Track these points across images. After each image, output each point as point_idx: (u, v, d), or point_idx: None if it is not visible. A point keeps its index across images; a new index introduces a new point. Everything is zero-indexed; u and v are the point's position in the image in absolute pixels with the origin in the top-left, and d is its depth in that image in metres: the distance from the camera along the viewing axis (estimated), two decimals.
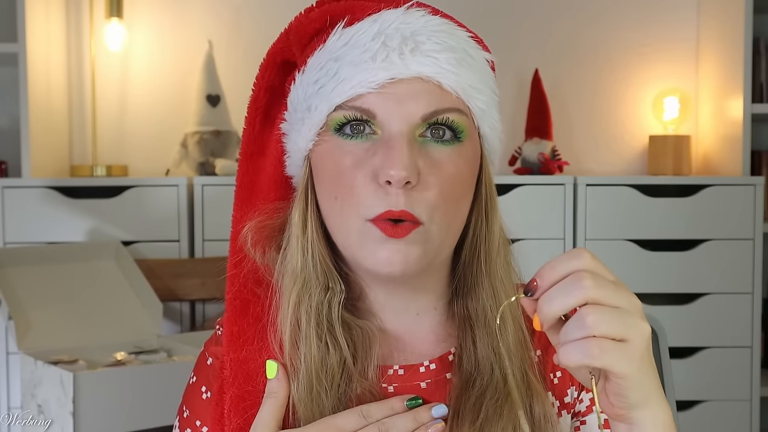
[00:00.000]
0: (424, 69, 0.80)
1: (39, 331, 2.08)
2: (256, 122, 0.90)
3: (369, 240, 0.79)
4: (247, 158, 0.90)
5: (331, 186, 0.82)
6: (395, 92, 0.79)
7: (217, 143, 2.65)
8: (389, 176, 0.77)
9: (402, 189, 0.78)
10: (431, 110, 0.80)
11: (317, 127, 0.82)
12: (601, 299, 0.67)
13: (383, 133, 0.80)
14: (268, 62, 0.88)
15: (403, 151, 0.78)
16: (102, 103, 2.83)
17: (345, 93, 0.80)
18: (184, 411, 0.91)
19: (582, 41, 2.92)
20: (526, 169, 2.65)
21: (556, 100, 2.85)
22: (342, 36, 0.82)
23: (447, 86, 0.80)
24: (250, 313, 0.86)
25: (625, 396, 0.70)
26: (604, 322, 0.67)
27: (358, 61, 0.80)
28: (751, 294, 2.52)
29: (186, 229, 2.50)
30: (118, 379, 1.86)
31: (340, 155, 0.81)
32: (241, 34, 2.85)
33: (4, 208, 2.44)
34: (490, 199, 0.87)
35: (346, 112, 0.80)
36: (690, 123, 2.90)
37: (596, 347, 0.66)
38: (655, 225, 2.52)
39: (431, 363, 0.87)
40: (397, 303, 0.87)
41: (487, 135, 0.86)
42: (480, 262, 0.86)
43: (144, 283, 2.28)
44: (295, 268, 0.84)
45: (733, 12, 2.66)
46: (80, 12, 2.82)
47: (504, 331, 0.84)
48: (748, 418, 2.53)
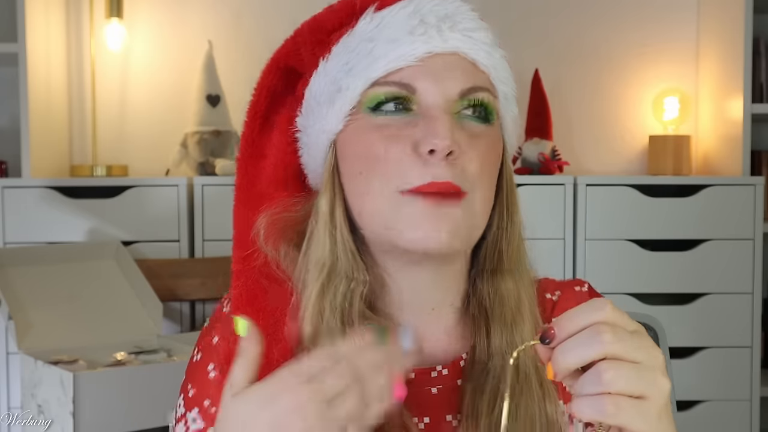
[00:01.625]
0: (462, 45, 0.81)
1: (39, 331, 2.08)
2: (256, 125, 0.89)
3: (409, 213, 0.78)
4: (245, 160, 0.89)
5: (356, 162, 0.81)
6: (434, 66, 0.80)
7: (217, 143, 2.65)
8: (434, 144, 0.77)
9: (445, 160, 0.77)
10: (468, 86, 0.80)
11: (349, 106, 0.81)
12: (621, 354, 0.64)
13: (420, 107, 0.80)
14: (271, 67, 0.88)
15: (446, 121, 0.78)
16: (102, 103, 2.83)
17: (382, 67, 0.80)
18: (189, 389, 0.88)
19: (582, 41, 2.92)
20: (526, 169, 2.65)
21: (556, 100, 2.85)
22: (374, 19, 0.82)
23: (482, 65, 0.82)
24: (258, 306, 0.85)
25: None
26: (622, 378, 0.64)
27: (396, 36, 0.80)
28: (751, 294, 2.52)
29: (186, 229, 2.49)
30: (118, 379, 1.86)
31: (370, 131, 0.80)
32: (241, 34, 2.85)
33: (4, 208, 2.44)
34: (511, 193, 0.87)
35: (384, 88, 0.80)
36: (690, 123, 2.90)
37: (612, 405, 0.63)
38: (655, 225, 2.52)
39: (443, 369, 0.85)
40: (416, 294, 0.85)
41: (507, 126, 0.87)
42: (502, 254, 0.86)
43: (144, 283, 2.28)
44: (321, 257, 0.83)
45: (733, 12, 2.66)
46: (80, 12, 2.82)
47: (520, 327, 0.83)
48: (748, 418, 2.53)
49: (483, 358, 0.83)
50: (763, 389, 2.59)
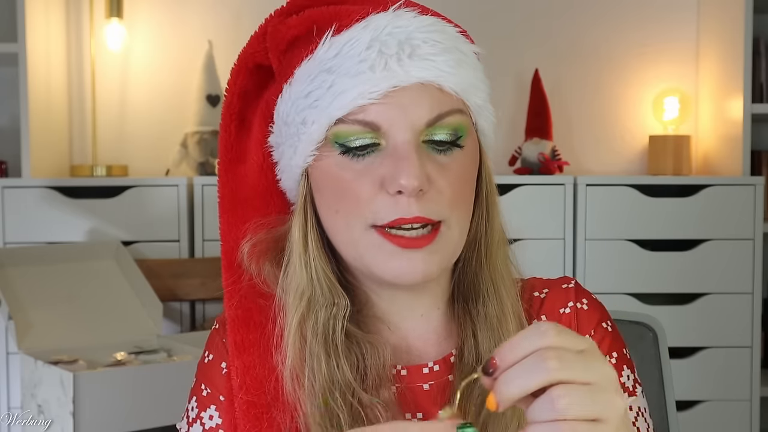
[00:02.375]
0: (425, 74, 0.78)
1: (39, 331, 2.08)
2: (232, 128, 0.88)
3: (380, 250, 0.79)
4: (226, 166, 0.88)
5: (332, 200, 0.81)
6: (398, 100, 0.78)
7: (217, 143, 2.65)
8: (401, 186, 0.76)
9: (414, 197, 0.77)
10: (435, 115, 0.79)
11: (315, 142, 0.80)
12: (570, 379, 0.60)
13: (388, 143, 0.79)
14: (240, 67, 0.88)
15: (413, 159, 0.77)
16: (102, 103, 2.83)
17: (346, 106, 0.78)
18: (202, 390, 0.88)
19: (582, 41, 2.92)
20: (526, 169, 2.65)
21: (556, 100, 2.85)
22: (332, 46, 0.79)
23: (448, 88, 0.80)
24: (254, 321, 0.86)
25: None
26: (576, 404, 0.60)
27: (356, 72, 0.78)
28: (751, 294, 2.52)
29: (186, 229, 2.50)
30: (118, 379, 1.86)
31: (343, 169, 0.80)
32: (241, 34, 2.85)
33: (4, 208, 2.44)
34: (490, 194, 0.87)
35: (349, 126, 0.79)
36: (690, 123, 2.90)
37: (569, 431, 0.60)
38: (655, 225, 2.52)
39: (435, 365, 0.86)
40: (403, 306, 0.87)
41: (483, 128, 0.86)
42: (481, 257, 0.86)
43: (144, 283, 2.28)
44: (299, 286, 0.83)
45: (733, 12, 2.66)
46: (80, 12, 2.82)
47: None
48: (748, 418, 2.53)
49: (471, 360, 0.84)
50: (763, 389, 2.59)
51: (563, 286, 0.92)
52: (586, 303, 0.90)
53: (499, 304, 0.85)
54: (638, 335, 1.21)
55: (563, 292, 0.91)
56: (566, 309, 0.89)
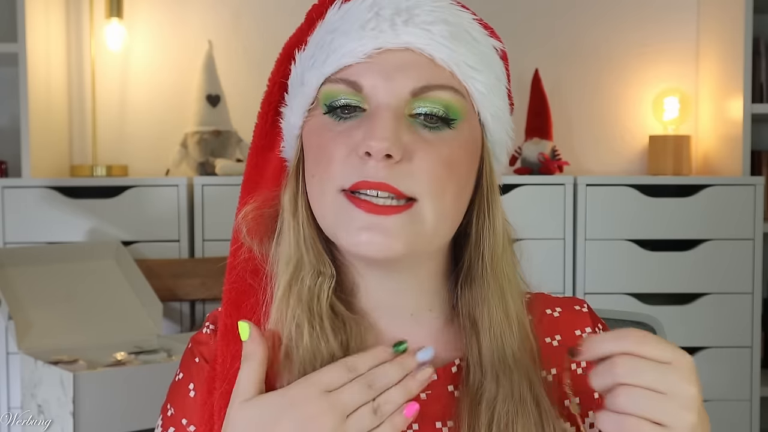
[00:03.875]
0: (415, 39, 0.75)
1: (39, 331, 2.08)
2: (269, 117, 0.86)
3: (346, 216, 0.75)
4: (257, 152, 0.87)
5: (312, 164, 0.78)
6: (383, 63, 0.75)
7: (217, 143, 2.65)
8: (369, 146, 0.73)
9: (382, 162, 0.73)
10: (422, 84, 0.75)
11: (308, 102, 0.79)
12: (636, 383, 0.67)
13: (370, 106, 0.76)
14: (284, 57, 0.85)
15: (387, 121, 0.73)
16: (102, 103, 2.83)
17: (334, 64, 0.76)
18: (168, 409, 0.86)
19: (582, 41, 2.92)
20: (526, 169, 2.65)
21: (556, 100, 2.85)
22: (341, 8, 0.79)
23: (440, 60, 0.76)
24: (244, 305, 0.83)
25: None
26: (635, 405, 0.67)
27: (350, 30, 0.76)
28: (751, 294, 2.52)
29: (186, 229, 2.49)
30: (118, 379, 1.86)
31: (324, 131, 0.77)
32: (241, 34, 2.85)
33: (4, 208, 2.44)
34: (491, 193, 0.83)
35: (335, 85, 0.76)
36: (690, 123, 2.90)
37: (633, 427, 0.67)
38: (655, 225, 2.52)
39: (433, 374, 0.82)
40: (390, 298, 0.82)
41: (488, 123, 0.81)
42: (485, 261, 0.82)
43: (144, 283, 2.28)
44: (288, 252, 0.80)
45: (733, 12, 2.66)
46: (80, 12, 2.82)
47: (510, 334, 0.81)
48: (748, 418, 2.53)
49: (477, 372, 0.80)
50: (763, 389, 2.59)
51: (576, 307, 0.90)
52: (601, 329, 0.90)
53: (505, 311, 0.81)
54: None
55: (578, 315, 0.89)
56: (584, 334, 0.88)
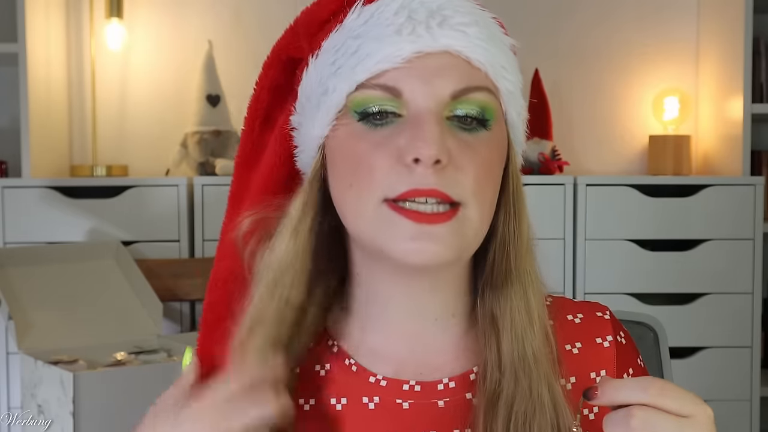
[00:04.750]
0: (454, 42, 0.74)
1: (39, 331, 2.08)
2: (256, 125, 0.84)
3: (391, 226, 0.73)
4: (242, 165, 0.85)
5: (346, 173, 0.76)
6: (423, 67, 0.74)
7: (217, 143, 2.65)
8: (418, 153, 0.71)
9: (432, 168, 0.72)
10: (461, 87, 0.74)
11: (335, 110, 0.76)
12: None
13: (409, 112, 0.74)
14: (272, 59, 0.83)
15: (433, 128, 0.72)
16: (102, 103, 2.83)
17: (368, 70, 0.74)
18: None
19: (582, 41, 2.92)
20: (526, 169, 2.65)
21: (556, 100, 2.85)
22: (362, 14, 0.76)
23: (476, 62, 0.75)
24: (219, 329, 0.82)
25: None
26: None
27: (382, 35, 0.74)
28: (751, 294, 2.52)
29: (186, 229, 2.50)
30: (118, 379, 1.86)
31: (359, 140, 0.75)
32: (241, 34, 2.85)
33: (4, 208, 2.44)
34: (518, 192, 0.82)
35: (369, 92, 0.75)
36: (690, 123, 2.90)
37: None
38: (655, 225, 2.52)
39: (450, 381, 0.81)
40: (414, 303, 0.81)
41: (513, 122, 0.82)
42: (510, 260, 0.80)
43: (144, 283, 2.28)
44: (280, 257, 0.79)
45: (733, 12, 2.66)
46: (80, 12, 2.82)
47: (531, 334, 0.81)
48: (748, 418, 2.53)
49: (495, 374, 0.79)
50: (763, 389, 2.59)
51: (597, 314, 0.88)
52: (623, 337, 0.88)
53: (527, 311, 0.80)
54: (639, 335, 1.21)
55: (599, 322, 0.87)
56: (605, 342, 0.86)
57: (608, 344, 0.86)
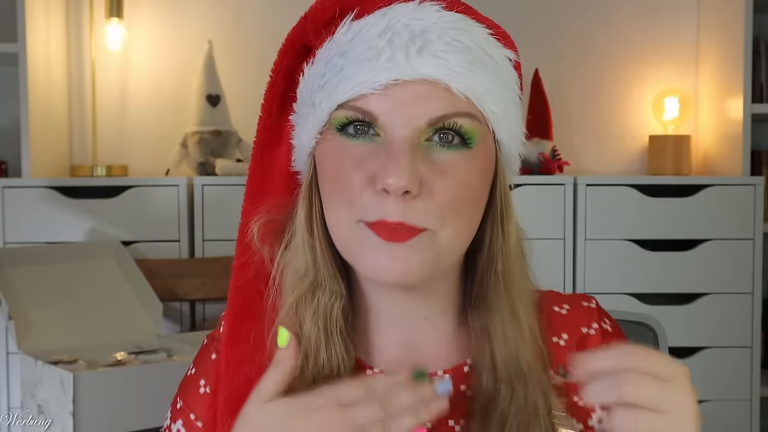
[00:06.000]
0: (431, 71, 0.75)
1: (39, 331, 2.08)
2: (273, 109, 0.85)
3: (365, 243, 0.76)
4: (261, 147, 0.86)
5: (329, 185, 0.78)
6: (399, 95, 0.75)
7: (217, 143, 2.65)
8: (386, 185, 0.73)
9: (401, 198, 0.73)
10: (438, 115, 0.75)
11: (320, 125, 0.79)
12: (641, 402, 0.66)
13: (386, 136, 0.75)
14: (287, 47, 0.84)
15: (404, 158, 0.73)
16: (102, 103, 2.83)
17: (347, 92, 0.76)
18: (177, 402, 0.89)
19: (582, 41, 2.92)
20: (526, 169, 2.65)
21: (556, 100, 2.85)
22: (350, 29, 0.77)
23: (456, 90, 0.75)
24: (252, 311, 0.83)
25: None
26: (639, 426, 0.66)
27: (362, 58, 0.75)
28: (751, 294, 2.52)
29: (186, 229, 2.50)
30: (118, 379, 1.86)
31: (341, 155, 0.77)
32: (241, 34, 2.85)
33: (4, 208, 2.44)
34: (506, 207, 0.83)
35: (347, 113, 0.76)
36: (690, 123, 2.90)
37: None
38: (655, 225, 2.52)
39: (445, 373, 0.84)
40: (403, 306, 0.84)
41: (504, 141, 0.81)
42: (498, 274, 0.82)
43: (144, 283, 2.28)
44: (299, 268, 0.81)
45: (733, 12, 2.66)
46: (80, 12, 2.82)
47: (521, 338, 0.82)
48: (748, 418, 2.53)
49: (491, 381, 0.81)
50: (763, 389, 2.59)
51: (584, 303, 0.90)
52: (608, 324, 0.89)
53: (518, 326, 0.81)
54: (638, 335, 1.21)
55: (585, 311, 0.89)
56: (591, 330, 0.87)
57: (594, 332, 0.87)
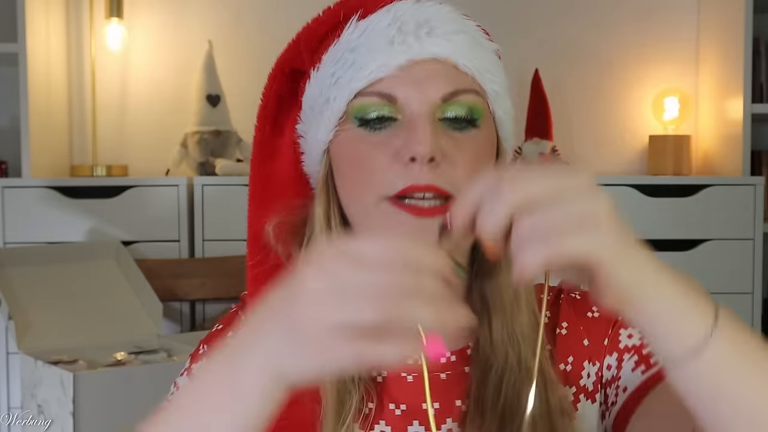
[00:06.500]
0: (440, 50, 0.81)
1: (39, 331, 2.08)
2: (266, 129, 0.90)
3: (393, 222, 0.79)
4: (258, 162, 0.91)
5: (348, 174, 0.83)
6: (414, 74, 0.81)
7: (217, 143, 2.65)
8: (413, 152, 0.77)
9: (427, 165, 0.78)
10: (450, 90, 0.81)
11: (337, 117, 0.83)
12: (530, 195, 0.60)
13: (404, 115, 0.81)
14: (276, 72, 0.89)
15: (426, 129, 0.78)
16: (102, 103, 2.83)
17: (364, 78, 0.81)
18: (199, 350, 0.91)
19: (582, 41, 2.92)
20: None
21: (556, 100, 2.85)
22: (357, 28, 0.83)
23: (463, 66, 0.82)
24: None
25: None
26: (547, 219, 0.59)
27: (376, 46, 0.82)
28: (751, 294, 2.52)
29: (186, 229, 2.50)
30: (118, 379, 1.86)
31: (359, 143, 0.82)
32: (241, 34, 2.85)
33: (4, 208, 2.44)
34: None
35: (367, 99, 0.81)
36: (690, 123, 2.90)
37: (557, 243, 0.59)
38: (655, 225, 2.52)
39: (452, 355, 0.87)
40: None
41: (501, 120, 0.87)
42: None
43: (144, 283, 2.28)
44: None
45: (733, 12, 2.66)
46: (80, 12, 2.82)
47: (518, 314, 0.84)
48: None
49: (486, 350, 0.85)
50: None
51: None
52: (578, 294, 0.92)
53: (515, 293, 0.85)
54: None
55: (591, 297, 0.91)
56: (595, 313, 0.90)
57: (598, 314, 0.89)
